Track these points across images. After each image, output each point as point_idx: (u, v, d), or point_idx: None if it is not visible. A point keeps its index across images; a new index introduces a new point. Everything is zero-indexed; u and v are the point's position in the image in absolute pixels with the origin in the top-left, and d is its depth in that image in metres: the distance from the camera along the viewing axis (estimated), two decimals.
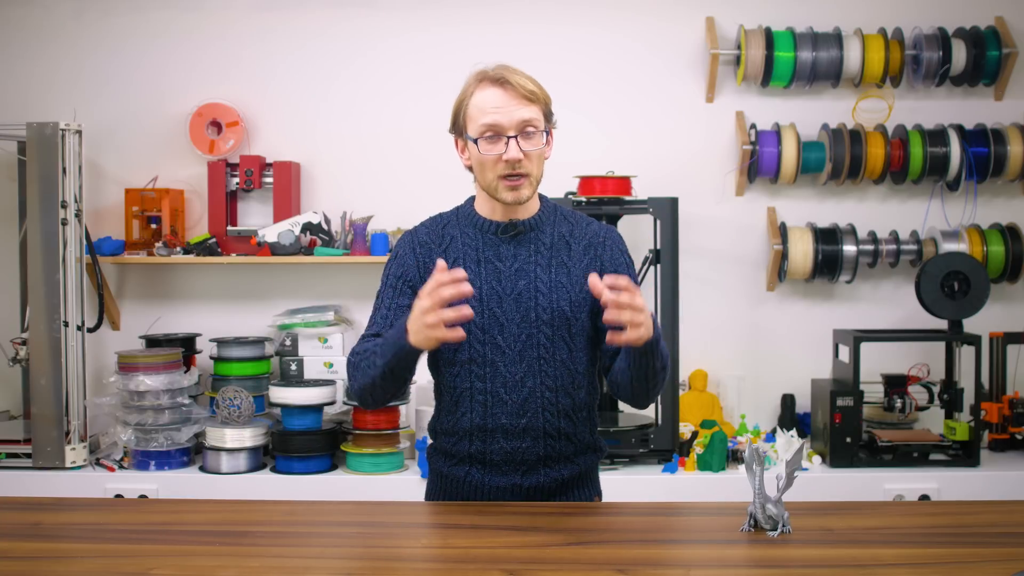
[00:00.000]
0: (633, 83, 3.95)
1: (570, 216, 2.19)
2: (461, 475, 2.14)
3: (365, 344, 2.09)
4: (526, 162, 2.05)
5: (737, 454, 3.57)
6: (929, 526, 1.92)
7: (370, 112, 3.98)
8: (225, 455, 3.53)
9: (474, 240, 2.13)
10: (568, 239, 2.15)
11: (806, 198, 3.95)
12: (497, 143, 2.04)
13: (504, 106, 2.04)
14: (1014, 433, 3.66)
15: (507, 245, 2.12)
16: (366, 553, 1.82)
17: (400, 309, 2.11)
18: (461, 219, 2.17)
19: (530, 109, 2.05)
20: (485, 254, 2.11)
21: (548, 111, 2.11)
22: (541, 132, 2.07)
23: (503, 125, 2.03)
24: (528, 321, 2.08)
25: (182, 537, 1.86)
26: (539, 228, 2.14)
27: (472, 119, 2.07)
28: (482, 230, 2.14)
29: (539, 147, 2.07)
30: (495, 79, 2.06)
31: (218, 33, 3.99)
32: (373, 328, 2.13)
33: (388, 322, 2.11)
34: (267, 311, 3.92)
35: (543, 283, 2.09)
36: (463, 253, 2.12)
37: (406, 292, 2.13)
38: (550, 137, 2.13)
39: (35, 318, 3.52)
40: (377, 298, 2.17)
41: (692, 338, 3.79)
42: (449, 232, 2.16)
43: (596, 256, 2.14)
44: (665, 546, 1.85)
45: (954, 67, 3.81)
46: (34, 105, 3.92)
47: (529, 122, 2.04)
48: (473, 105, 2.07)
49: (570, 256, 2.13)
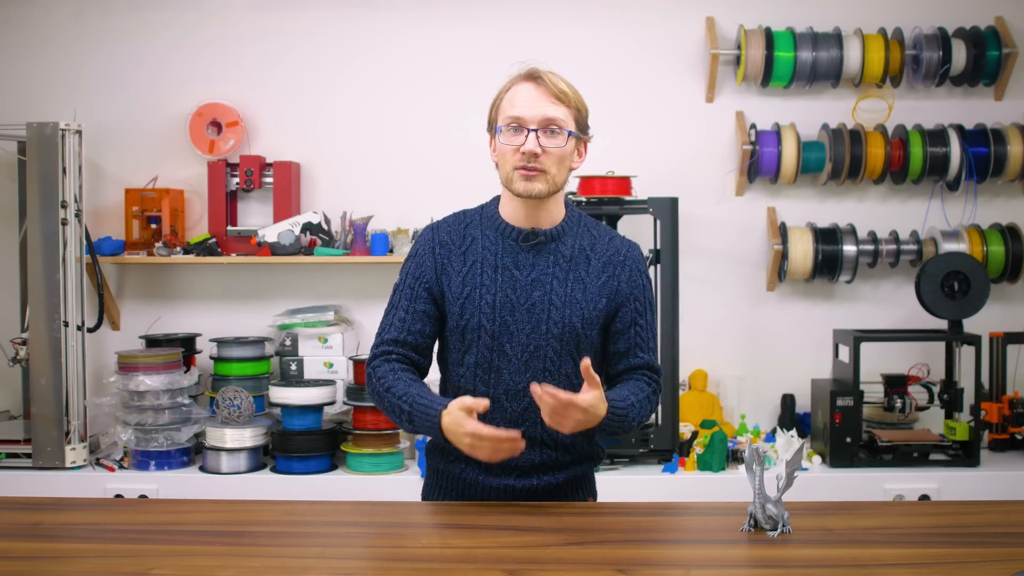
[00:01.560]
0: (633, 83, 3.95)
1: (593, 228, 2.18)
2: (456, 472, 2.14)
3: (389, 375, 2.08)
4: (544, 158, 2.04)
5: (737, 454, 3.57)
6: (929, 526, 1.92)
7: (370, 112, 3.98)
8: (225, 455, 3.52)
9: (494, 245, 2.12)
10: (589, 253, 2.13)
11: (806, 198, 3.95)
12: (518, 134, 2.05)
13: (532, 101, 2.05)
14: (1014, 433, 3.66)
15: (526, 253, 2.11)
16: (366, 553, 1.82)
17: (417, 314, 2.11)
18: (484, 220, 2.16)
19: (558, 108, 2.05)
20: (504, 260, 2.10)
21: (581, 120, 2.10)
22: (565, 133, 2.06)
23: (526, 118, 2.04)
24: (538, 333, 2.08)
25: (182, 537, 1.86)
26: (560, 239, 2.13)
27: (502, 112, 2.09)
28: (504, 235, 2.12)
29: (560, 146, 2.06)
30: (529, 76, 2.08)
31: (218, 33, 3.99)
32: (391, 332, 2.12)
33: (405, 326, 2.11)
34: (267, 311, 3.92)
35: (558, 296, 2.09)
36: (482, 257, 2.11)
37: (422, 296, 2.12)
38: (581, 147, 2.13)
39: (35, 318, 3.52)
40: (394, 293, 2.17)
41: (692, 338, 3.79)
42: (471, 233, 2.14)
43: (614, 275, 2.13)
44: (665, 546, 1.85)
45: (954, 67, 3.81)
46: (34, 105, 3.92)
47: (553, 120, 2.05)
48: (506, 99, 2.09)
49: (588, 272, 2.12)
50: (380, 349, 2.12)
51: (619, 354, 2.15)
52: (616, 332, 2.14)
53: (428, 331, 2.13)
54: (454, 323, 2.10)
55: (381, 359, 2.11)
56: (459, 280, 2.10)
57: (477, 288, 2.09)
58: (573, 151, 2.11)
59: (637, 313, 2.14)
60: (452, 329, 2.11)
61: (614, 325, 2.14)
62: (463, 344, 2.10)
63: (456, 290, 2.10)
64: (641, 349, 2.15)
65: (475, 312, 2.08)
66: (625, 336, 2.14)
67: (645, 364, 2.15)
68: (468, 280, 2.10)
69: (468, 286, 2.09)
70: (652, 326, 2.18)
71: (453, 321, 2.11)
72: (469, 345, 2.09)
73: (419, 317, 2.11)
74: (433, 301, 2.12)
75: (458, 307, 2.09)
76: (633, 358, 2.15)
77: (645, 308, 2.16)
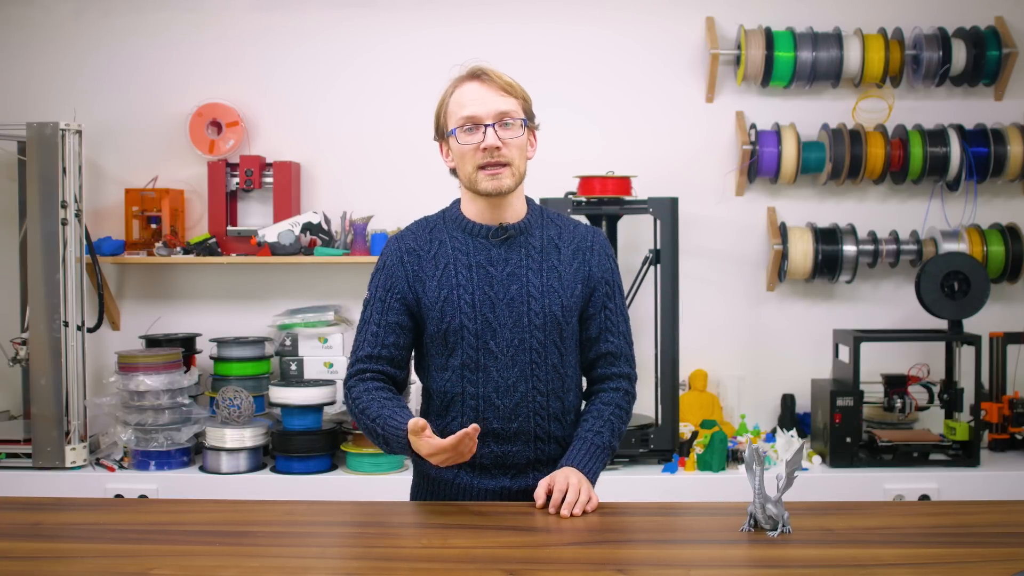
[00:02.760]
0: (633, 83, 3.95)
1: (556, 219, 2.19)
2: (450, 477, 2.13)
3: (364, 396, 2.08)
4: (505, 151, 2.05)
5: (737, 454, 3.57)
6: (929, 526, 1.92)
7: (370, 112, 3.98)
8: (225, 455, 3.52)
9: (464, 244, 2.12)
10: (557, 242, 2.14)
11: (806, 198, 3.95)
12: (475, 133, 2.05)
13: (481, 98, 2.05)
14: (1014, 433, 3.66)
15: (498, 249, 2.11)
16: (366, 553, 1.82)
17: (390, 327, 2.11)
18: (449, 223, 2.16)
19: (507, 101, 2.06)
20: (476, 259, 2.10)
21: (529, 110, 2.11)
22: (520, 123, 2.07)
23: (480, 115, 2.04)
24: (520, 326, 2.08)
25: (182, 537, 1.86)
26: (528, 232, 2.14)
27: (452, 115, 2.08)
28: (472, 234, 2.12)
29: (518, 136, 2.06)
30: (472, 75, 2.08)
31: (218, 33, 3.99)
32: (365, 348, 2.11)
33: (379, 340, 2.10)
34: (267, 311, 3.92)
35: (535, 287, 2.09)
36: (453, 258, 2.11)
37: (395, 307, 2.11)
38: (532, 136, 2.14)
39: (35, 318, 3.52)
40: (365, 309, 2.15)
41: (692, 338, 3.79)
42: (437, 236, 2.14)
43: (585, 261, 2.15)
44: (665, 546, 1.85)
45: (954, 67, 3.81)
46: (34, 105, 3.92)
47: (507, 113, 2.05)
48: (453, 102, 2.09)
49: (560, 260, 2.13)
50: (355, 368, 2.12)
51: (591, 339, 2.17)
52: (587, 317, 2.16)
53: (403, 343, 2.12)
54: (435, 328, 2.09)
55: (356, 379, 2.11)
56: (434, 284, 2.09)
57: (455, 289, 2.08)
58: (527, 140, 2.12)
59: (607, 297, 2.17)
60: (433, 334, 2.10)
61: (587, 310, 2.16)
62: (446, 347, 2.10)
63: (433, 295, 2.09)
64: (611, 333, 2.17)
65: (456, 313, 2.07)
66: (596, 320, 2.16)
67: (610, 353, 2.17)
68: (444, 283, 2.09)
69: (445, 288, 2.08)
70: (621, 309, 2.20)
71: (433, 326, 2.09)
72: (453, 347, 2.09)
73: (392, 329, 2.10)
74: (407, 312, 2.11)
75: (437, 311, 2.08)
76: (604, 343, 2.16)
77: (614, 291, 2.19)
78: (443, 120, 2.11)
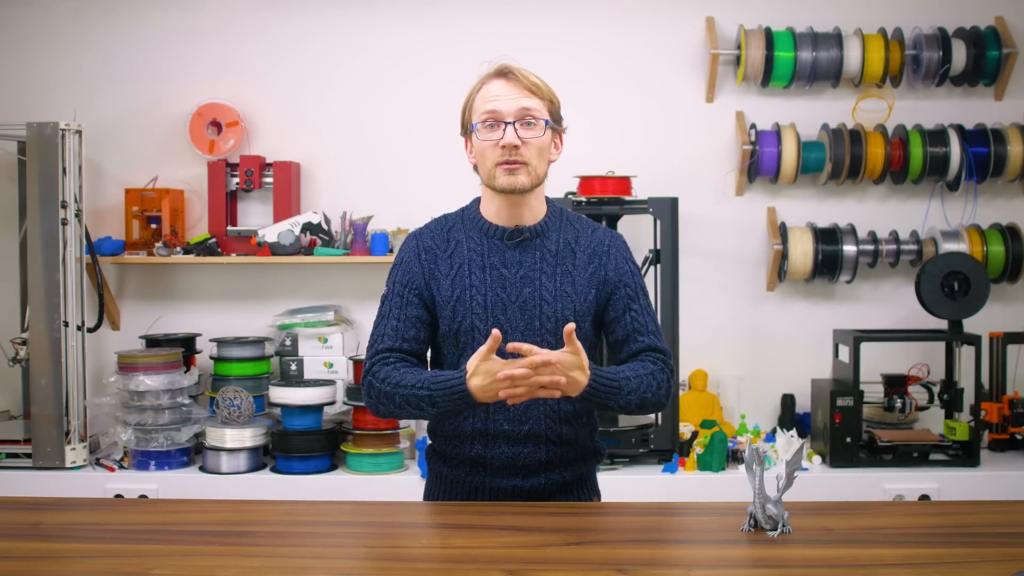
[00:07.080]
0: (633, 83, 3.95)
1: (576, 221, 2.18)
2: (462, 476, 2.14)
3: (393, 373, 2.03)
4: (524, 150, 2.04)
5: (737, 454, 3.57)
6: (929, 526, 1.92)
7: (370, 112, 3.98)
8: (225, 455, 3.53)
9: (479, 245, 2.11)
10: (574, 246, 2.13)
11: (806, 198, 3.95)
12: (496, 129, 2.05)
13: (505, 95, 2.05)
14: (1014, 433, 3.66)
15: (512, 251, 2.11)
16: (366, 553, 1.82)
17: (410, 321, 2.09)
18: (467, 222, 2.15)
19: (532, 100, 2.05)
20: (491, 260, 2.10)
21: (555, 112, 2.10)
22: (542, 123, 2.06)
23: (502, 112, 2.04)
24: (532, 329, 2.07)
25: (182, 537, 1.86)
26: (544, 234, 2.13)
27: (476, 110, 2.08)
28: (488, 235, 2.12)
29: (538, 136, 2.06)
30: (499, 72, 2.08)
31: (217, 33, 3.99)
32: (385, 342, 2.08)
33: (399, 334, 2.08)
34: (267, 311, 3.92)
35: (548, 291, 2.08)
36: (468, 259, 2.10)
37: (413, 302, 2.10)
38: (557, 138, 2.13)
39: (35, 318, 3.52)
40: (383, 304, 2.14)
41: (692, 338, 3.79)
42: (454, 236, 2.14)
43: (600, 265, 2.13)
44: (665, 546, 1.85)
45: (954, 67, 3.81)
46: (34, 105, 3.92)
47: (529, 111, 2.04)
48: (478, 98, 2.08)
49: (575, 264, 2.11)
50: (377, 357, 2.08)
51: (619, 342, 2.13)
52: (612, 320, 2.13)
53: (422, 337, 2.11)
54: (446, 327, 2.09)
55: (380, 364, 2.07)
56: (448, 284, 2.09)
57: (467, 290, 2.08)
58: (551, 142, 2.11)
59: (629, 299, 2.13)
60: (445, 333, 2.10)
61: (608, 314, 2.13)
62: (457, 348, 2.09)
63: (446, 294, 2.09)
64: (640, 333, 2.12)
65: (467, 314, 2.07)
66: (621, 323, 2.12)
67: (648, 346, 2.11)
68: (457, 283, 2.08)
69: (458, 288, 2.08)
70: (648, 310, 2.15)
71: (445, 325, 2.09)
72: (464, 348, 2.08)
73: (412, 323, 2.09)
74: (425, 306, 2.10)
75: (449, 310, 2.08)
76: (634, 343, 2.12)
77: (637, 293, 2.14)
78: (468, 115, 2.11)
